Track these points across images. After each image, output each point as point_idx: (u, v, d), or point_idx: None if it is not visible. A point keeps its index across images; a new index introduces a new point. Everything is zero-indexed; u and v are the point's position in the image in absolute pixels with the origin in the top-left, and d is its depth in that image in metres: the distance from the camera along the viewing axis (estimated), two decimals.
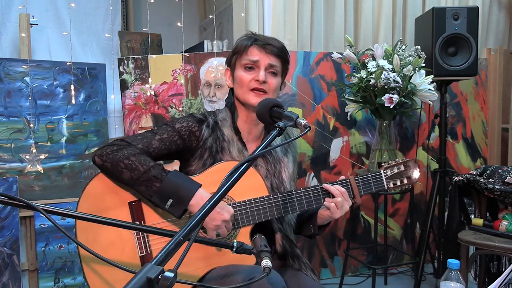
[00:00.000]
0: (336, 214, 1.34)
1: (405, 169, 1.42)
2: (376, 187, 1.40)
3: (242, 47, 1.41)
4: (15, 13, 2.43)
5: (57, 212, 1.03)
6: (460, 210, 2.35)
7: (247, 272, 1.19)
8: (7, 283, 2.23)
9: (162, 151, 1.37)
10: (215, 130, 1.41)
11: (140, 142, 1.34)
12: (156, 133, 1.38)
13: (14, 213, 2.25)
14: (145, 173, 1.25)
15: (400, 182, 1.42)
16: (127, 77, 2.52)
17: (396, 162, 1.43)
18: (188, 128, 1.39)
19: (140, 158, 1.28)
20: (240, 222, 1.32)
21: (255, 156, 0.99)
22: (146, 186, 1.25)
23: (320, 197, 1.36)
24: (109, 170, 1.29)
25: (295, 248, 1.43)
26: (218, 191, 0.88)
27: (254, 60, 1.39)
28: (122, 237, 1.31)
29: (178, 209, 1.24)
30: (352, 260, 2.79)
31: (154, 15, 2.78)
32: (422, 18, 2.72)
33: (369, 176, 1.39)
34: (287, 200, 1.34)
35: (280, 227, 1.42)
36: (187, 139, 1.38)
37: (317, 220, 1.42)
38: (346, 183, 1.37)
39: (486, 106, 3.14)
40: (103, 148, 1.31)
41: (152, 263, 0.67)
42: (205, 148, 1.39)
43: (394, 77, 2.25)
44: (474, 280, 2.44)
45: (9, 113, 2.29)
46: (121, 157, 1.27)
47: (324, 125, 2.78)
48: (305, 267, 1.41)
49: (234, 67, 1.43)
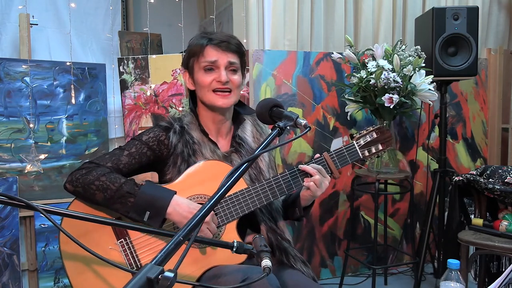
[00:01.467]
0: (318, 192, 1.34)
1: (378, 135, 1.43)
2: (351, 158, 1.40)
3: (197, 49, 1.39)
4: (15, 13, 2.43)
5: (57, 212, 1.03)
6: (460, 210, 2.35)
7: (243, 272, 1.19)
8: (7, 283, 2.23)
9: (133, 166, 1.37)
10: (183, 135, 1.41)
11: (109, 161, 1.34)
12: (124, 149, 1.38)
13: (14, 213, 2.25)
14: (117, 191, 1.25)
15: (375, 149, 1.43)
16: (127, 77, 2.52)
17: (367, 130, 1.44)
18: (155, 138, 1.39)
19: (111, 177, 1.28)
20: (224, 219, 1.33)
21: (255, 156, 0.99)
22: (121, 204, 1.25)
23: (299, 179, 1.36)
24: (82, 194, 1.30)
25: (281, 240, 1.41)
26: (218, 191, 0.88)
27: (212, 61, 1.38)
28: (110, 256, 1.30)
29: (156, 220, 1.24)
30: (352, 260, 2.79)
31: (154, 15, 2.77)
32: (422, 18, 2.72)
33: (342, 149, 1.40)
34: (266, 188, 1.34)
35: (265, 219, 1.42)
36: (156, 149, 1.39)
37: (301, 202, 1.42)
38: (321, 160, 1.38)
39: (486, 106, 3.14)
40: (72, 174, 1.32)
41: (152, 263, 0.67)
42: (176, 155, 1.39)
43: (394, 77, 2.25)
44: (474, 280, 2.44)
45: (9, 113, 2.29)
46: (91, 179, 1.27)
47: (324, 125, 2.78)
48: (294, 260, 1.40)
49: (193, 69, 1.42)
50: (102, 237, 1.31)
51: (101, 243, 1.31)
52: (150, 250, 1.32)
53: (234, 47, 1.40)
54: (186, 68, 1.46)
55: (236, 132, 1.49)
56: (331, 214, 2.82)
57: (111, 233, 1.32)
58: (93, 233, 1.30)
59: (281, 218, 1.47)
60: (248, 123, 1.52)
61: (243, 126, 1.50)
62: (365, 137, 1.43)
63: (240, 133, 1.48)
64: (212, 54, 1.38)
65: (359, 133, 1.44)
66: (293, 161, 2.69)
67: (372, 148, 1.42)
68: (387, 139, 1.43)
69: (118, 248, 1.32)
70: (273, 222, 1.43)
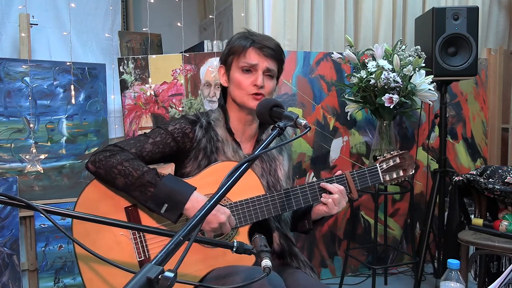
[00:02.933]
0: (334, 210, 1.34)
1: (401, 161, 1.43)
2: (372, 180, 1.40)
3: (239, 48, 1.39)
4: (15, 13, 2.43)
5: (57, 212, 1.03)
6: (460, 210, 2.35)
7: (247, 272, 1.19)
8: (7, 283, 2.23)
9: (155, 155, 1.36)
10: (208, 131, 1.41)
11: (133, 147, 1.34)
12: (149, 136, 1.37)
13: (14, 213, 2.25)
14: (139, 178, 1.24)
15: (396, 174, 1.43)
16: (127, 77, 2.52)
17: (391, 155, 1.43)
18: (181, 130, 1.38)
19: (134, 163, 1.27)
20: (237, 222, 1.32)
21: (255, 156, 0.98)
22: (140, 192, 1.25)
23: (317, 194, 1.36)
24: (102, 176, 1.29)
25: (293, 246, 1.43)
26: (218, 192, 0.88)
27: (252, 64, 1.38)
28: (120, 242, 1.30)
29: (173, 214, 1.24)
30: (352, 260, 2.79)
31: (154, 15, 2.77)
32: (422, 18, 2.72)
33: (365, 170, 1.40)
34: (283, 198, 1.34)
35: (277, 226, 1.42)
36: (180, 141, 1.38)
37: (312, 215, 1.42)
38: (342, 178, 1.37)
39: (486, 106, 3.14)
40: (96, 155, 1.31)
41: (152, 263, 0.67)
42: (199, 149, 1.38)
43: (394, 77, 2.25)
44: (474, 280, 2.44)
45: (9, 113, 2.29)
46: (114, 163, 1.27)
47: (324, 125, 2.78)
48: (303, 266, 1.41)
49: (230, 67, 1.42)
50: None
51: (112, 228, 1.29)
52: (160, 243, 1.31)
53: (274, 54, 1.41)
54: (224, 64, 1.45)
55: (261, 136, 1.49)
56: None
57: (124, 219, 1.31)
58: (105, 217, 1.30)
59: (289, 229, 1.47)
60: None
61: (267, 131, 1.50)
62: (388, 161, 1.42)
63: (264, 138, 1.48)
64: (253, 57, 1.38)
65: (383, 156, 1.44)
66: (293, 161, 2.69)
67: (394, 173, 1.42)
68: (409, 166, 1.43)
69: (129, 235, 1.31)
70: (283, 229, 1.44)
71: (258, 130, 1.49)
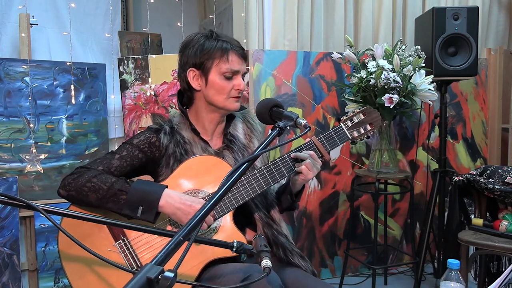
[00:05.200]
0: (309, 175, 1.36)
1: (365, 117, 1.43)
2: (340, 139, 1.41)
3: (219, 53, 1.39)
4: (15, 13, 2.43)
5: (57, 212, 1.03)
6: (460, 210, 2.35)
7: (244, 271, 1.19)
8: (7, 283, 2.23)
9: (124, 168, 1.38)
10: (174, 135, 1.43)
11: (100, 165, 1.36)
12: (115, 152, 1.40)
13: (14, 213, 2.25)
14: (109, 189, 1.27)
15: (363, 130, 1.43)
16: (127, 77, 2.52)
17: (353, 112, 1.44)
18: (146, 140, 1.41)
19: (101, 178, 1.29)
20: (220, 211, 1.33)
21: (255, 156, 0.99)
22: (113, 202, 1.27)
23: (290, 165, 1.37)
24: (75, 198, 1.31)
25: (278, 235, 1.41)
26: (218, 191, 0.88)
27: (236, 70, 1.41)
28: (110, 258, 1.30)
29: (150, 214, 1.25)
30: (352, 260, 2.79)
31: (154, 15, 2.78)
32: (422, 18, 2.72)
33: (330, 132, 1.41)
34: (258, 177, 1.35)
35: (261, 215, 1.42)
36: (148, 151, 1.40)
37: (292, 188, 1.44)
38: (310, 144, 1.38)
39: (486, 106, 3.14)
40: (64, 180, 1.33)
41: (152, 263, 0.67)
42: (168, 155, 1.40)
43: (394, 77, 2.25)
44: (474, 280, 2.44)
45: (9, 113, 2.29)
46: (83, 182, 1.29)
47: (324, 125, 2.78)
48: (291, 254, 1.40)
49: (208, 71, 1.40)
50: (99, 240, 1.32)
51: (99, 246, 1.31)
52: (149, 249, 1.32)
53: (245, 55, 1.45)
54: (198, 68, 1.42)
55: (228, 129, 1.51)
56: (331, 214, 2.82)
57: (108, 235, 1.32)
58: (90, 237, 1.31)
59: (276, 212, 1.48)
60: (238, 120, 1.54)
61: (234, 124, 1.53)
62: (352, 119, 1.43)
63: (232, 131, 1.51)
64: (236, 63, 1.40)
65: (345, 115, 1.45)
66: None
67: (361, 128, 1.43)
68: (375, 119, 1.43)
69: (117, 249, 1.32)
70: (269, 217, 1.44)
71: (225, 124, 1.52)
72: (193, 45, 1.42)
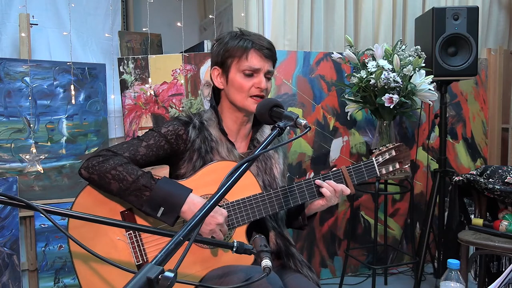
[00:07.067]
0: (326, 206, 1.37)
1: (397, 154, 1.43)
2: (368, 174, 1.41)
3: (240, 51, 1.37)
4: (15, 13, 2.43)
5: (57, 212, 1.03)
6: (460, 210, 2.35)
7: (245, 272, 1.19)
8: (7, 283, 2.23)
9: (149, 158, 1.35)
10: (202, 131, 1.40)
11: (126, 151, 1.32)
12: (142, 139, 1.36)
13: (14, 213, 2.25)
14: (133, 182, 1.23)
15: (392, 167, 1.43)
16: (127, 77, 2.51)
17: (387, 147, 1.43)
18: (174, 131, 1.37)
19: (128, 168, 1.26)
20: (235, 222, 1.32)
21: (255, 156, 0.98)
22: (135, 196, 1.24)
23: (314, 191, 1.37)
24: (96, 182, 1.27)
25: (290, 246, 1.42)
26: (217, 192, 0.88)
27: (255, 68, 1.37)
28: (117, 247, 1.30)
29: (170, 217, 1.23)
30: (352, 260, 2.79)
31: (154, 15, 2.77)
32: (422, 18, 2.72)
33: (361, 164, 1.40)
34: (280, 196, 1.34)
35: (274, 226, 1.42)
36: (174, 143, 1.37)
37: (306, 211, 1.43)
38: (339, 174, 1.38)
39: (486, 106, 3.14)
40: (88, 160, 1.29)
41: (152, 263, 0.67)
42: (193, 150, 1.38)
43: (394, 77, 2.25)
44: (474, 280, 2.44)
45: (9, 113, 2.29)
46: (107, 168, 1.25)
47: (324, 125, 2.78)
48: (300, 265, 1.40)
49: (229, 69, 1.40)
50: (111, 227, 1.29)
51: (109, 233, 1.30)
52: (157, 246, 1.31)
53: (272, 55, 1.41)
54: (220, 66, 1.42)
55: (255, 135, 1.48)
56: (331, 214, 2.82)
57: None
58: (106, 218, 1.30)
59: (285, 226, 1.48)
60: (266, 128, 1.52)
61: (262, 130, 1.50)
62: (384, 154, 1.42)
63: (259, 137, 1.48)
64: (256, 61, 1.37)
65: (378, 149, 1.43)
66: (293, 161, 2.69)
67: (390, 166, 1.42)
68: (405, 158, 1.43)
69: (126, 239, 1.31)
70: (281, 228, 1.44)
71: (252, 129, 1.50)
72: (219, 44, 1.42)
